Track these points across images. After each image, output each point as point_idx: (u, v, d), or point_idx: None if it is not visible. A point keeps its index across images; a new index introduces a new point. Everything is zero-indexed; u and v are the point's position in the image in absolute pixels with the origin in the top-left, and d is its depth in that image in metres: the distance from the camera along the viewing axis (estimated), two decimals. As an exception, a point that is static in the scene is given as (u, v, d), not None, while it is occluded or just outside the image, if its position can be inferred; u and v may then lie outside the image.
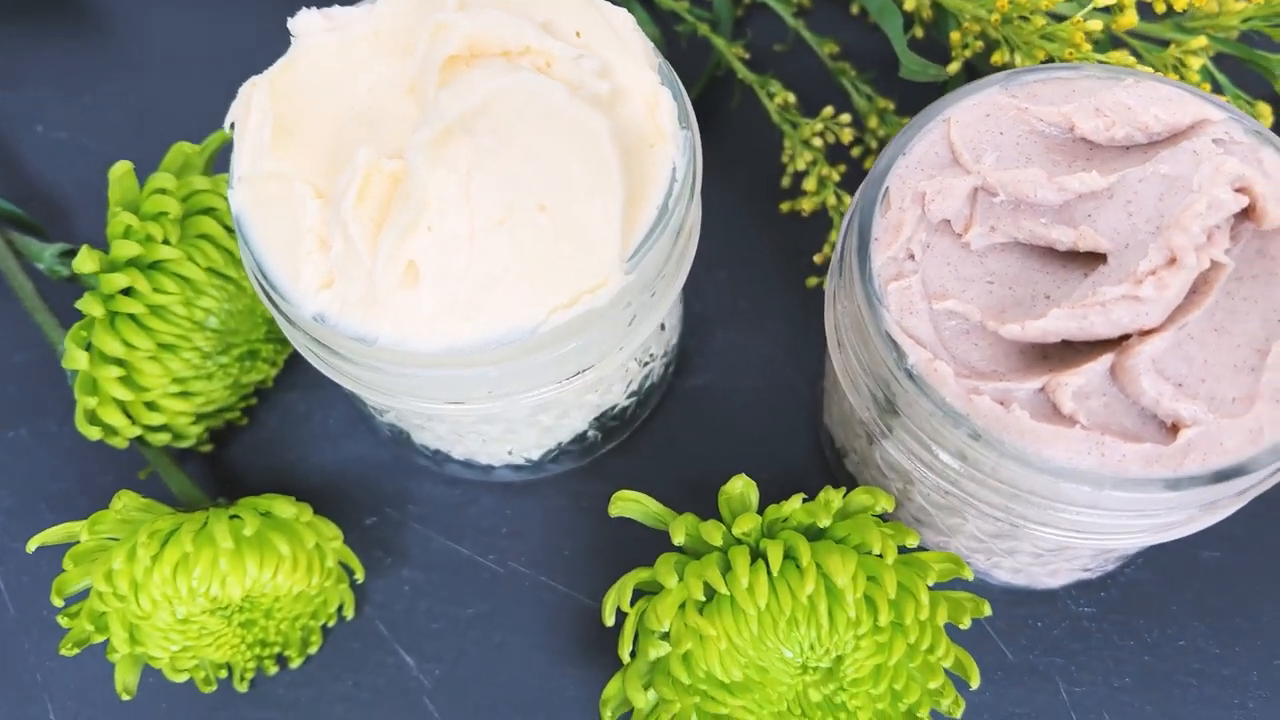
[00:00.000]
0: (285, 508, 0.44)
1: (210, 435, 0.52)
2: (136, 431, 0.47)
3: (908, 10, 0.53)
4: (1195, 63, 0.53)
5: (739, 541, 0.42)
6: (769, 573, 0.40)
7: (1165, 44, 0.53)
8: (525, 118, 0.37)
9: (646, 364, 0.47)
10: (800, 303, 0.54)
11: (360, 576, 0.46)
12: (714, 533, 0.42)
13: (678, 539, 0.42)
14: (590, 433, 0.49)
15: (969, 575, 0.42)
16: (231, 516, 0.43)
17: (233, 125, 0.40)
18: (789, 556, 0.41)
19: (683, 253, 0.43)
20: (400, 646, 0.48)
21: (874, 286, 0.39)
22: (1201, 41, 0.52)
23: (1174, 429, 0.36)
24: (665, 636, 0.42)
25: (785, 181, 0.56)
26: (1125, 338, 0.37)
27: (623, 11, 0.42)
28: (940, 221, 0.40)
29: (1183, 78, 0.52)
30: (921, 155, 0.41)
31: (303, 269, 0.38)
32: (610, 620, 0.42)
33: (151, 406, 0.46)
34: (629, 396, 0.48)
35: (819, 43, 0.57)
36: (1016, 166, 0.40)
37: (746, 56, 0.56)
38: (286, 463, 0.52)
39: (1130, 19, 0.50)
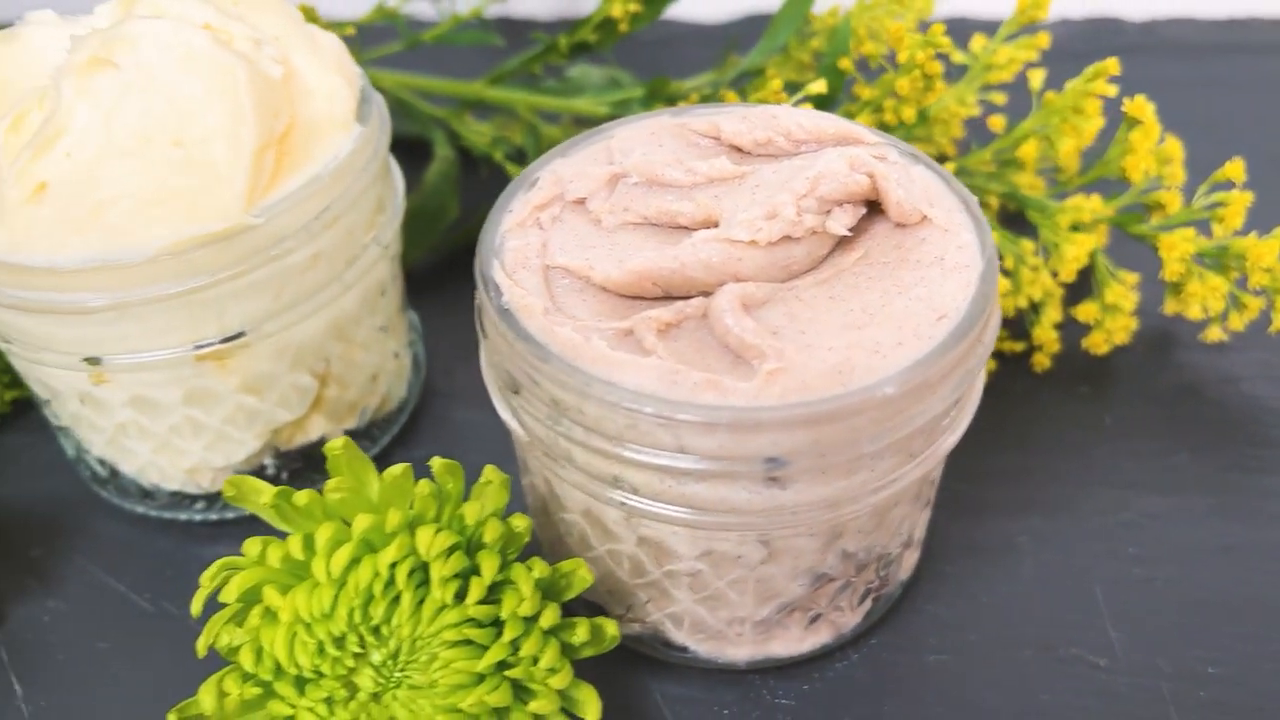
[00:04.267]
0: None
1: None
2: None
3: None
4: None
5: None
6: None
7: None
8: (169, 57, 0.39)
9: (319, 379, 0.45)
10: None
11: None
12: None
13: (226, 492, 0.38)
14: (269, 464, 0.46)
15: (589, 578, 0.37)
16: None
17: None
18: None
19: (357, 249, 0.44)
20: (14, 673, 0.43)
21: (493, 242, 0.38)
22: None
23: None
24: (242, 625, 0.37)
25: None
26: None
27: (333, 37, 0.45)
28: (575, 200, 0.40)
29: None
30: (581, 159, 0.42)
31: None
32: (198, 610, 0.38)
33: None
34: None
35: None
36: (662, 161, 0.40)
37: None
38: (-15, 492, 0.50)
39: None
